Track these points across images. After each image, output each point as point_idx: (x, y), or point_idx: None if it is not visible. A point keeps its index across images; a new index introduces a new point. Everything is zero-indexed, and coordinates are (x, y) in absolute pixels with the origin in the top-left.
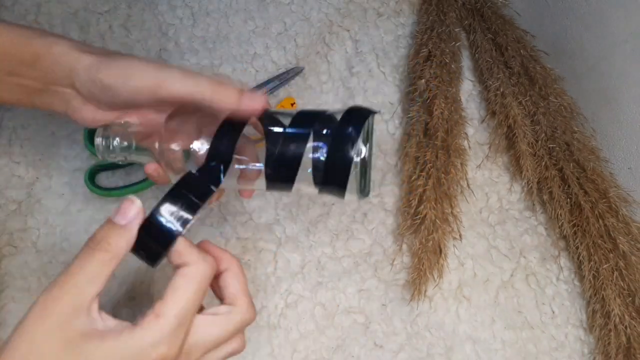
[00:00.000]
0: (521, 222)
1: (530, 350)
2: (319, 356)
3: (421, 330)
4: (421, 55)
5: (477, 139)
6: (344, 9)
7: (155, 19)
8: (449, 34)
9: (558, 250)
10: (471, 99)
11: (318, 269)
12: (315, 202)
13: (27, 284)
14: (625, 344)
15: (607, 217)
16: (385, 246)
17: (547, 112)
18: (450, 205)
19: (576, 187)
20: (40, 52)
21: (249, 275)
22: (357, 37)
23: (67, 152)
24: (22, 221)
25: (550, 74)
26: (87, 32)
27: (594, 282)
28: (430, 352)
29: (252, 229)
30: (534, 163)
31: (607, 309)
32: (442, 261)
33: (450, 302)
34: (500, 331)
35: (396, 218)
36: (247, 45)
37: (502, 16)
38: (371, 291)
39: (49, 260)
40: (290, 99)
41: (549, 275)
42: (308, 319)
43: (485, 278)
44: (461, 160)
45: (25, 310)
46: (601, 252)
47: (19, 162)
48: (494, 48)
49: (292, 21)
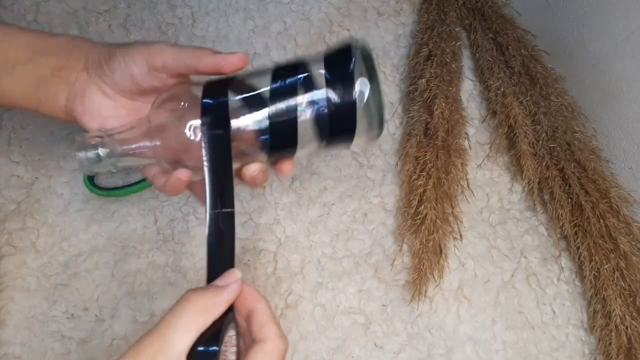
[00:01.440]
0: (522, 222)
1: (531, 351)
2: (319, 357)
3: (422, 331)
4: (422, 54)
5: (477, 139)
6: (344, 8)
7: (154, 19)
8: (450, 33)
9: (559, 250)
10: (472, 99)
11: (318, 269)
12: (315, 202)
13: (26, 284)
14: (626, 345)
15: (608, 217)
16: (386, 246)
17: (548, 112)
18: (450, 205)
19: (577, 187)
20: (64, 41)
21: (249, 275)
22: (357, 37)
23: (66, 152)
24: (21, 221)
25: (551, 74)
26: (87, 31)
27: (594, 282)
28: (431, 352)
29: (252, 229)
30: (535, 163)
31: (608, 309)
32: (442, 261)
33: (451, 303)
34: (500, 332)
35: (396, 218)
36: (246, 44)
37: (502, 15)
38: (371, 292)
39: (48, 260)
40: None
41: (549, 275)
42: (308, 319)
43: (486, 278)
44: (462, 160)
45: (25, 310)
46: (602, 253)
47: (18, 161)
48: (495, 47)
49: (292, 20)
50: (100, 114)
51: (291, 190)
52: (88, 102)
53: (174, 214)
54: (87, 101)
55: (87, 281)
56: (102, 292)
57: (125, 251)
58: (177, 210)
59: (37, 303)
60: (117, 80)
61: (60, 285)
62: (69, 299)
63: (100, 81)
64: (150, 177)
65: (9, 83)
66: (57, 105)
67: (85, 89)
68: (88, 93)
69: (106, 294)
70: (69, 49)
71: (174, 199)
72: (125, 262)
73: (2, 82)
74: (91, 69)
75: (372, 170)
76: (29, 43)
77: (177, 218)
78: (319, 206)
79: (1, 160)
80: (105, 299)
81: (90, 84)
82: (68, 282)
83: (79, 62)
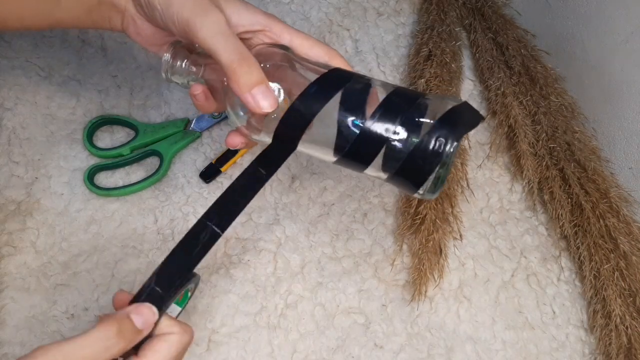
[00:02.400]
0: (522, 222)
1: (531, 351)
2: (319, 357)
3: (421, 331)
4: (421, 54)
5: (477, 139)
6: (343, 8)
7: None
8: (450, 33)
9: (559, 250)
10: (472, 99)
11: (318, 269)
12: (316, 202)
13: (26, 284)
14: (626, 345)
15: (608, 217)
16: (386, 246)
17: (548, 112)
18: (450, 205)
19: (577, 187)
20: None
21: (249, 275)
22: (357, 37)
23: (66, 152)
24: (21, 221)
25: (551, 74)
26: (86, 31)
27: (594, 282)
28: (431, 352)
29: (252, 229)
30: (535, 163)
31: (608, 309)
32: (442, 261)
33: (451, 303)
34: (500, 331)
35: (396, 218)
36: None
37: (502, 15)
38: (371, 291)
39: (48, 261)
40: None
41: (549, 275)
42: (308, 319)
43: (486, 278)
44: (462, 160)
45: (25, 310)
46: (602, 253)
47: (18, 161)
48: (495, 47)
49: (292, 20)
50: (154, 42)
51: (291, 190)
52: (140, 29)
53: (174, 214)
54: (139, 29)
55: (87, 281)
56: (102, 292)
57: (125, 251)
58: (177, 210)
59: (37, 303)
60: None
61: (60, 285)
62: (69, 299)
63: (145, 17)
64: (194, 94)
65: (59, 12)
66: (114, 26)
67: (135, 18)
68: (139, 22)
69: (106, 294)
70: None
71: (174, 199)
72: (125, 262)
73: (54, 12)
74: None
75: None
76: None
77: (177, 218)
78: (319, 206)
79: (1, 160)
80: (105, 299)
81: (139, 15)
82: (68, 282)
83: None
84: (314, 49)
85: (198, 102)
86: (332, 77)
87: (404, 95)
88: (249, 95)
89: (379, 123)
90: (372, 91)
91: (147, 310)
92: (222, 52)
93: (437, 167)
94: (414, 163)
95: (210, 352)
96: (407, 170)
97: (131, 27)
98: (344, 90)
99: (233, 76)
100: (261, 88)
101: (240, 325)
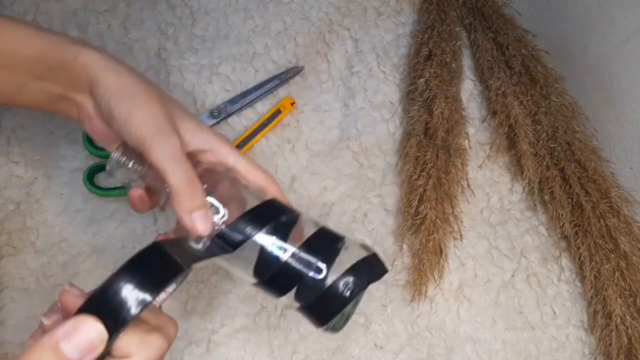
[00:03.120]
0: (522, 222)
1: (531, 351)
2: (319, 357)
3: (422, 331)
4: (422, 54)
5: (478, 139)
6: (344, 7)
7: (154, 18)
8: (450, 33)
9: (559, 250)
10: (472, 99)
11: None
12: (315, 202)
13: (25, 284)
14: (627, 345)
15: (609, 217)
16: (386, 246)
17: (548, 112)
18: (450, 205)
19: (577, 187)
20: (68, 59)
21: None
22: (357, 36)
23: (66, 152)
24: (21, 221)
25: (551, 74)
26: (86, 31)
27: (595, 282)
28: (431, 352)
29: None
30: (535, 163)
31: (608, 309)
32: (442, 261)
33: (451, 303)
34: (501, 332)
35: (396, 218)
36: (246, 44)
37: (503, 15)
38: (371, 292)
39: (48, 261)
40: (290, 98)
41: (550, 275)
42: None
43: (486, 278)
44: (462, 160)
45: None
46: (602, 253)
47: (17, 162)
48: (495, 47)
49: (292, 20)
50: (107, 139)
51: (291, 190)
52: (95, 126)
53: None
54: (94, 126)
55: (87, 281)
56: None
57: (125, 251)
58: None
59: (37, 303)
60: None
61: (60, 285)
62: None
63: (101, 119)
64: (133, 196)
65: (21, 99)
66: (72, 118)
67: (92, 117)
68: (95, 121)
69: None
70: (75, 70)
71: None
72: None
73: (16, 98)
74: (98, 107)
75: (372, 170)
76: (36, 54)
77: None
78: (319, 206)
79: (1, 160)
80: None
81: (96, 116)
82: None
83: (86, 88)
84: (254, 174)
85: (135, 203)
86: (264, 210)
87: (325, 237)
88: (188, 218)
89: (299, 260)
90: (299, 225)
91: (89, 329)
92: (171, 175)
93: (343, 309)
94: (324, 303)
95: (210, 353)
96: (316, 307)
97: (87, 122)
98: (272, 223)
99: (177, 197)
100: (201, 213)
101: (240, 326)
